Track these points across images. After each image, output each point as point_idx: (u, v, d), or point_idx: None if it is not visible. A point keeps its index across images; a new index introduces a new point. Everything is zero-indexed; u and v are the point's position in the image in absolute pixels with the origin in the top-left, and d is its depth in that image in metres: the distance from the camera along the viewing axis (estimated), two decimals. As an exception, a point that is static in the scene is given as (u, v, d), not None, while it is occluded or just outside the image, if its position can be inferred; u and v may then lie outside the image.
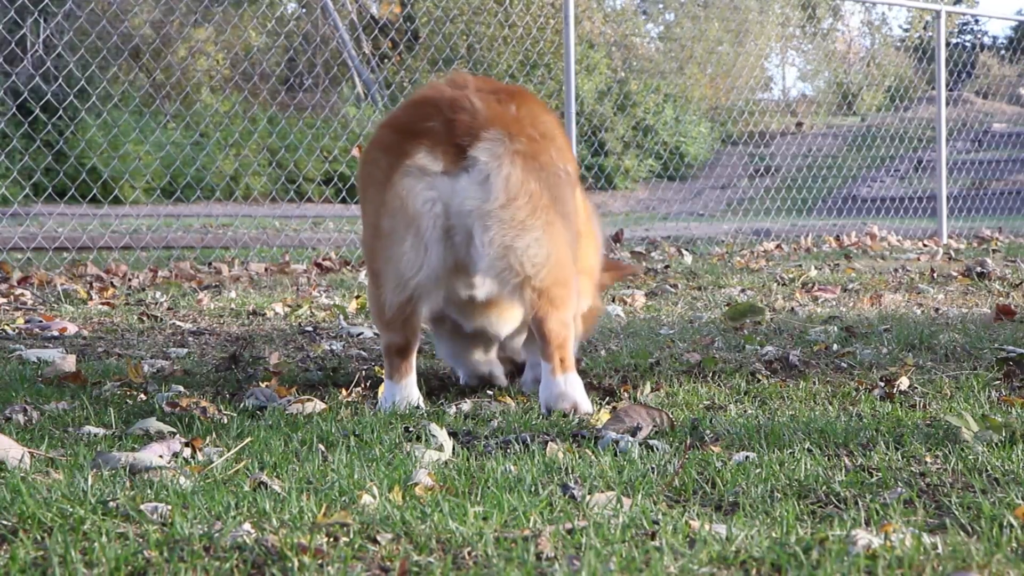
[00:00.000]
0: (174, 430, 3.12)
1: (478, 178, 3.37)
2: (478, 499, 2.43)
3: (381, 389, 3.64)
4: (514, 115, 3.48)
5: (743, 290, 7.20)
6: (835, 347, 4.63)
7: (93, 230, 10.48)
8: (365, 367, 4.28)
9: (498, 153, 3.38)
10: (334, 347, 4.87)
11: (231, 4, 18.65)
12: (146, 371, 4.13)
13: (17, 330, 5.43)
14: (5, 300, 6.51)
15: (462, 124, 3.41)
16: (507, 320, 3.78)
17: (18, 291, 6.84)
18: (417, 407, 3.51)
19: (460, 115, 3.42)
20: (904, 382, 3.76)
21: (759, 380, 3.94)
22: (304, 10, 20.06)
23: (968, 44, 37.81)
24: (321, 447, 2.92)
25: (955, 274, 7.96)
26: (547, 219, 3.42)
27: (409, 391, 3.55)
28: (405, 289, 3.45)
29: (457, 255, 3.43)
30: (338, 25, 19.94)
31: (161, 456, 2.74)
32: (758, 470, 2.66)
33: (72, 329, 5.44)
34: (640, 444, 2.95)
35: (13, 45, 14.49)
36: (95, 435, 3.08)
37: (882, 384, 3.78)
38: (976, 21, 43.13)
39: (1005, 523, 2.22)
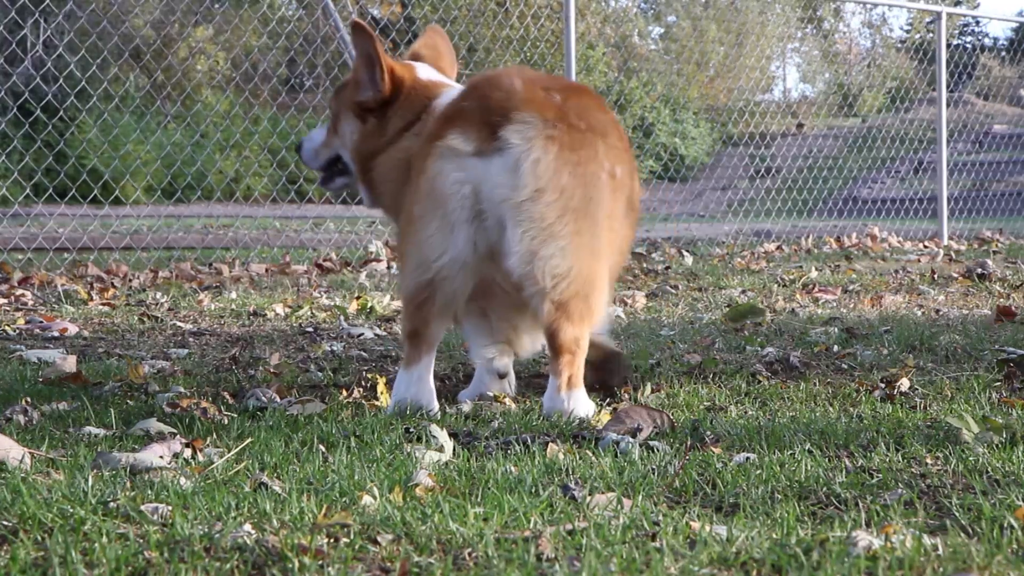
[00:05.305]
0: (175, 431, 3.12)
1: (508, 163, 3.19)
2: (479, 500, 2.43)
3: (380, 389, 3.62)
4: (555, 102, 3.28)
5: (744, 291, 7.20)
6: (836, 348, 4.63)
7: (94, 231, 10.48)
8: (366, 368, 4.28)
9: (529, 136, 3.20)
10: (335, 348, 4.87)
11: (231, 4, 18.66)
12: (147, 372, 4.13)
13: (18, 330, 5.43)
14: (6, 300, 6.51)
15: (496, 103, 3.25)
16: None
17: (19, 291, 6.84)
18: (431, 410, 3.39)
19: (495, 94, 3.27)
20: (905, 383, 3.76)
21: (760, 381, 3.94)
22: (305, 10, 20.05)
23: (969, 45, 37.82)
24: (322, 448, 2.92)
25: (956, 275, 7.96)
26: (576, 227, 3.22)
27: (420, 387, 3.40)
28: (427, 271, 3.28)
29: (489, 239, 3.27)
30: (339, 26, 19.92)
31: (162, 457, 2.74)
32: (759, 471, 2.66)
33: (73, 330, 5.44)
34: (641, 445, 2.95)
35: (14, 45, 14.49)
36: (95, 435, 3.07)
37: (883, 385, 3.78)
38: (977, 22, 43.17)
39: (1006, 524, 2.22)
